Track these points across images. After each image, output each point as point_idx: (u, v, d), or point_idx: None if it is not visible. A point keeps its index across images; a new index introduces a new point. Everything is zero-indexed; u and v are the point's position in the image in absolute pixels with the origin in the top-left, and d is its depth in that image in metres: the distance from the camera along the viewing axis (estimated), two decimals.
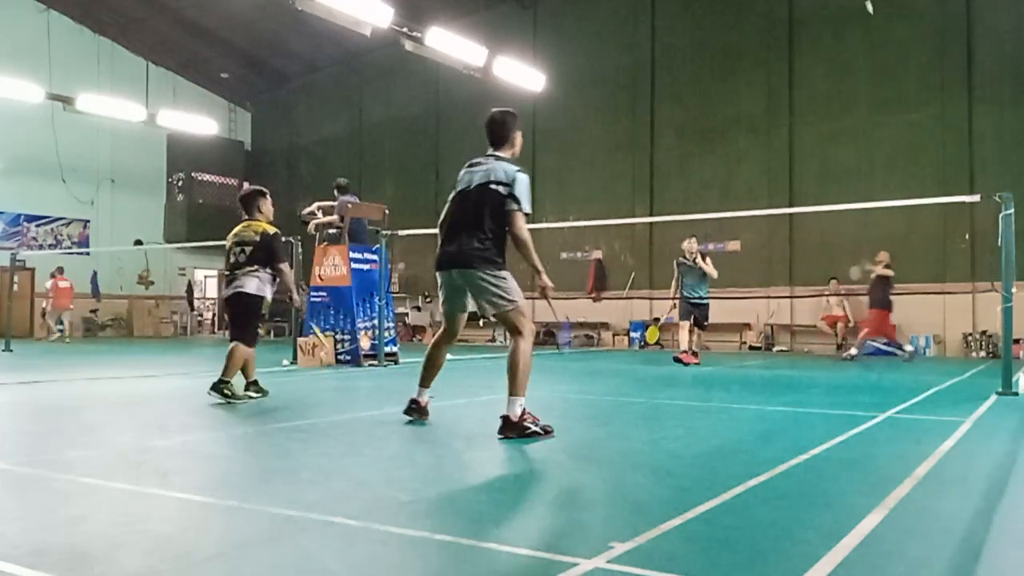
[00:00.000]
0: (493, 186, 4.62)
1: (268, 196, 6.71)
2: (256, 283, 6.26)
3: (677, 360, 11.29)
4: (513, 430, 4.37)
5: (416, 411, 5.05)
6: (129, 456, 4.00)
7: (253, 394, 6.42)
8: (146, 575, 2.17)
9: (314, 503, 2.93)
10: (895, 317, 13.39)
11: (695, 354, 11.38)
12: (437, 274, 4.85)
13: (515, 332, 4.59)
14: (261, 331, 6.42)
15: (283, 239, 11.57)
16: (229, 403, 6.10)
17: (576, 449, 4.37)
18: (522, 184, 4.63)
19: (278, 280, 6.48)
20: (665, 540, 2.47)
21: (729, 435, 4.81)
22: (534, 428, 4.40)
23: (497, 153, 4.83)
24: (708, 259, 11.28)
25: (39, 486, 3.31)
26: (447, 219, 4.87)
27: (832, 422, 5.30)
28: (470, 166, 4.84)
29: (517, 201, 4.59)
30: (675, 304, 11.67)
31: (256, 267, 6.29)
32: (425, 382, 5.09)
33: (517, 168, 4.71)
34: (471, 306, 4.79)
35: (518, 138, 4.94)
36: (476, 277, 4.60)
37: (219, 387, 6.18)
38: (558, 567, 2.18)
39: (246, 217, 6.58)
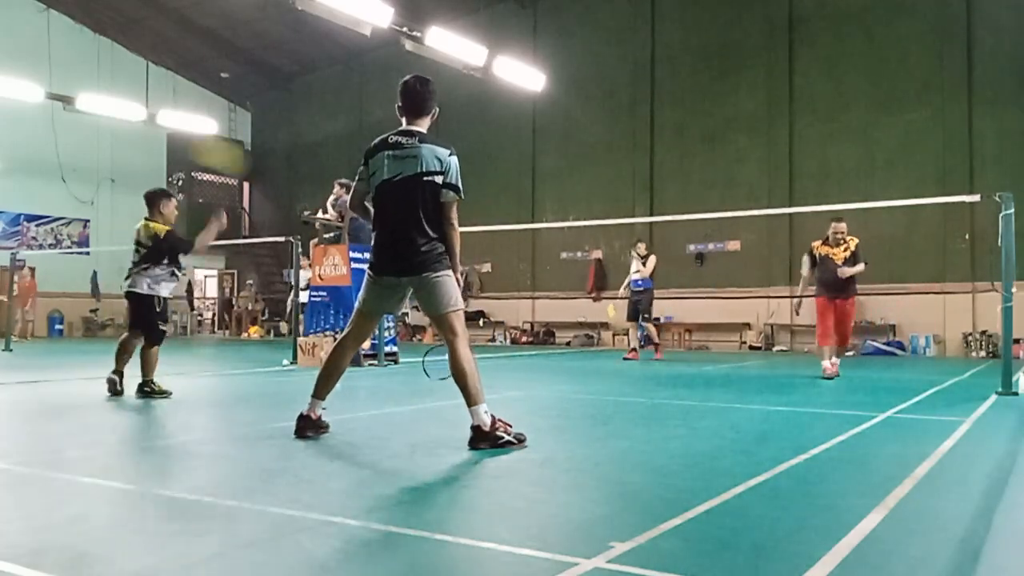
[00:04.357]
0: (427, 178, 4.22)
1: (172, 199, 6.89)
2: (147, 282, 6.54)
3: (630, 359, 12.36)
4: (485, 440, 4.08)
5: (310, 427, 4.40)
6: (129, 456, 4.00)
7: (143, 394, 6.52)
8: (146, 575, 2.17)
9: (314, 503, 2.93)
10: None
11: (657, 347, 12.87)
12: (372, 274, 4.40)
13: (451, 335, 4.23)
14: (166, 329, 6.78)
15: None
16: (162, 397, 6.40)
17: (576, 449, 4.37)
18: (456, 169, 4.28)
19: (177, 276, 6.78)
20: (665, 540, 2.47)
21: (729, 435, 4.81)
22: (507, 438, 4.11)
23: (417, 128, 4.42)
24: (651, 259, 12.57)
25: (39, 486, 3.31)
26: (378, 214, 4.39)
27: (832, 422, 5.30)
28: (391, 148, 4.35)
29: (455, 189, 4.26)
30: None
31: (148, 265, 6.56)
32: (321, 393, 4.46)
33: (448, 151, 4.30)
34: (404, 307, 4.50)
35: (436, 109, 4.60)
36: (426, 281, 4.22)
37: (143, 389, 6.46)
38: (558, 567, 2.18)
39: (146, 216, 6.75)
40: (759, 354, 15.24)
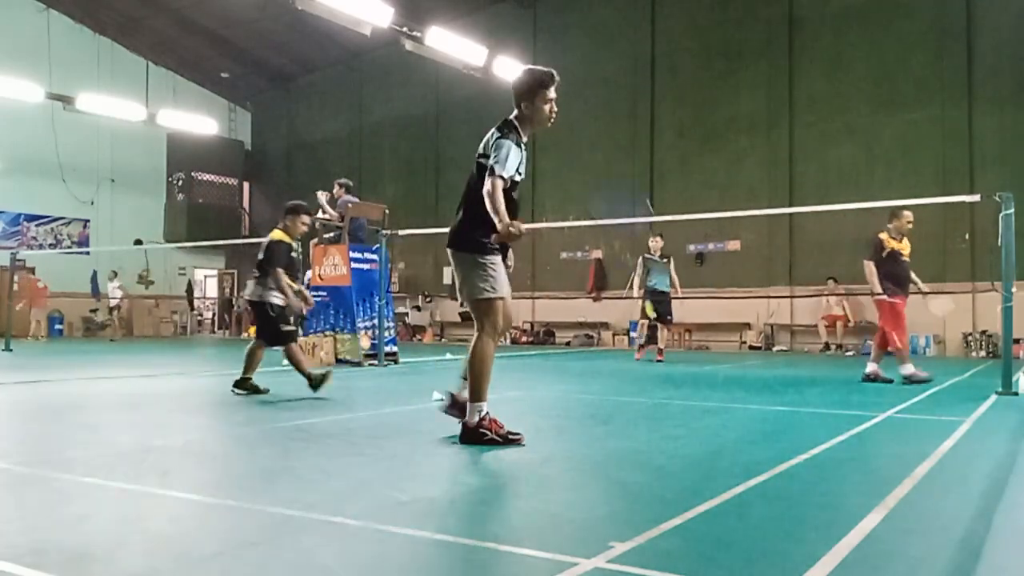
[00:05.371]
0: (479, 159, 4.33)
1: (301, 214, 6.99)
2: (257, 289, 6.72)
3: (660, 360, 11.90)
4: (468, 436, 4.19)
5: (457, 407, 4.48)
6: (129, 456, 4.00)
7: (239, 391, 6.72)
8: (146, 575, 2.17)
9: (314, 503, 2.93)
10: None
11: (660, 351, 12.14)
12: None
13: (479, 327, 4.30)
14: (291, 329, 6.87)
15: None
16: (323, 387, 6.54)
17: (576, 449, 4.37)
18: (497, 149, 4.23)
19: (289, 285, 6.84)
20: (665, 540, 2.47)
21: (729, 435, 4.81)
22: (491, 436, 4.16)
23: (508, 118, 4.49)
24: (672, 262, 12.13)
25: (39, 486, 3.31)
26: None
27: (832, 422, 5.30)
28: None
29: (492, 167, 4.20)
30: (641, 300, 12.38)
31: (260, 273, 6.75)
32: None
33: (501, 135, 4.30)
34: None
35: (534, 105, 4.42)
36: (459, 258, 4.37)
37: (311, 384, 6.58)
38: (558, 567, 2.18)
39: (277, 225, 7.07)
40: (759, 354, 15.24)
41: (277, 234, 6.87)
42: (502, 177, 4.19)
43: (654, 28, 18.46)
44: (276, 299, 6.68)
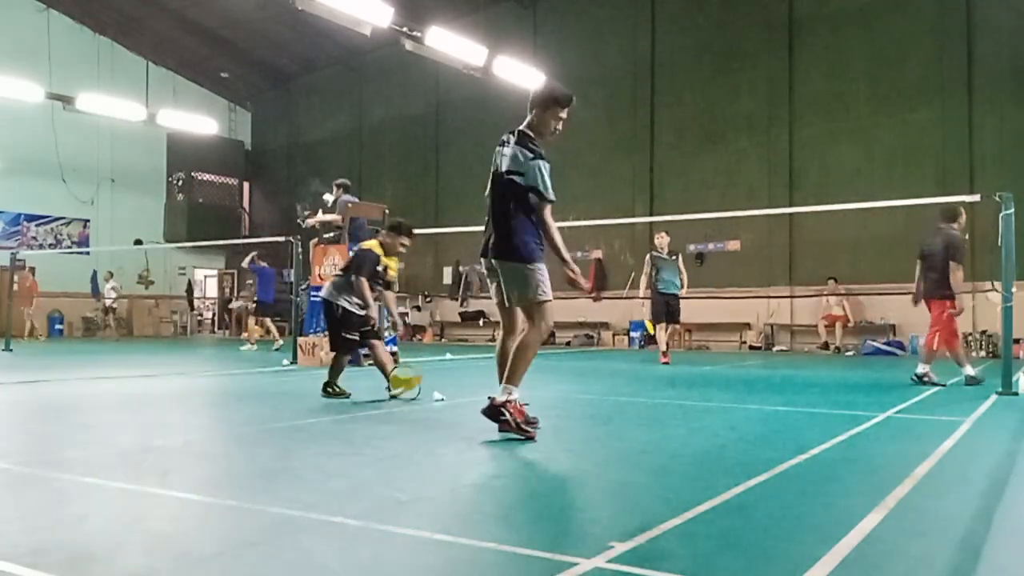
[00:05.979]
0: (512, 176, 4.52)
1: (402, 235, 6.84)
2: (330, 288, 6.65)
3: (666, 363, 11.50)
4: (491, 413, 4.32)
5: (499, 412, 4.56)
6: (129, 456, 4.00)
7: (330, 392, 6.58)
8: (146, 575, 2.17)
9: (314, 503, 2.93)
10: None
11: (664, 353, 11.75)
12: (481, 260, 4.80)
13: (533, 324, 4.54)
14: (353, 336, 6.67)
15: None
16: (338, 398, 6.41)
17: (576, 449, 4.37)
18: (536, 173, 4.50)
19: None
20: (665, 540, 2.47)
21: (729, 435, 4.81)
22: (508, 419, 4.26)
23: (522, 128, 4.68)
24: (681, 259, 11.84)
25: (39, 486, 3.31)
26: (488, 202, 4.74)
27: (832, 422, 5.30)
28: (500, 144, 4.71)
29: (537, 192, 4.51)
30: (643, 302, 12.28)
31: (340, 275, 6.73)
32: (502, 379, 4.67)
33: (532, 155, 4.52)
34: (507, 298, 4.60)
35: (543, 117, 4.66)
36: (507, 267, 4.56)
37: (327, 387, 6.50)
38: (558, 567, 2.18)
39: (378, 238, 7.04)
40: (759, 354, 15.24)
41: (371, 243, 6.77)
42: (552, 201, 4.56)
43: (654, 28, 18.46)
44: (346, 303, 6.49)
